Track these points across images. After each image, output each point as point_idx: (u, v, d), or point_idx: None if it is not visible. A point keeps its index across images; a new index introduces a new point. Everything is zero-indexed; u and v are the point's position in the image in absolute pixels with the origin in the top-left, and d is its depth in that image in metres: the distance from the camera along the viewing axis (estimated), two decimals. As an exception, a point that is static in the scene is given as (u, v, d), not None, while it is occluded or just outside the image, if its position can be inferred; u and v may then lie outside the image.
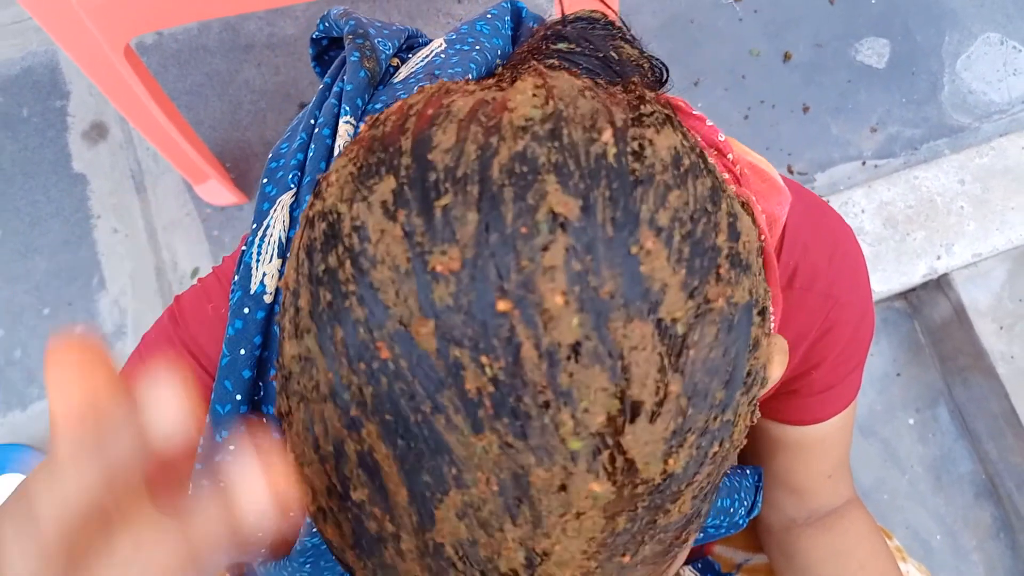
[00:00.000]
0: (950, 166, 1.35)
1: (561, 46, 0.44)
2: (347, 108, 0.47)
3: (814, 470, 0.63)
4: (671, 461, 0.27)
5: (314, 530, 0.49)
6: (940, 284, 1.35)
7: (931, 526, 1.35)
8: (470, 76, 0.49)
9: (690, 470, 0.28)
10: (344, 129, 0.47)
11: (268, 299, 0.43)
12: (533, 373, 0.25)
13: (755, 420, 0.31)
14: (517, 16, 0.60)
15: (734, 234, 0.28)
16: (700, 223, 0.27)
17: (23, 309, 1.35)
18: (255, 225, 0.46)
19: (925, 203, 1.32)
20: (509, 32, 0.58)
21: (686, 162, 0.28)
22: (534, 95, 0.28)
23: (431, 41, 0.57)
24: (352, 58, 0.49)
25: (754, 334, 0.29)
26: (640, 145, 0.27)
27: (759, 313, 0.29)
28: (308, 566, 0.51)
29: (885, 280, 1.30)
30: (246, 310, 0.43)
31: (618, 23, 0.47)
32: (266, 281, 0.44)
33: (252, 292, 0.44)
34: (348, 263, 0.26)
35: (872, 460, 1.38)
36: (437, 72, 0.51)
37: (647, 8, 1.48)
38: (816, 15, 1.47)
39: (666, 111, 0.30)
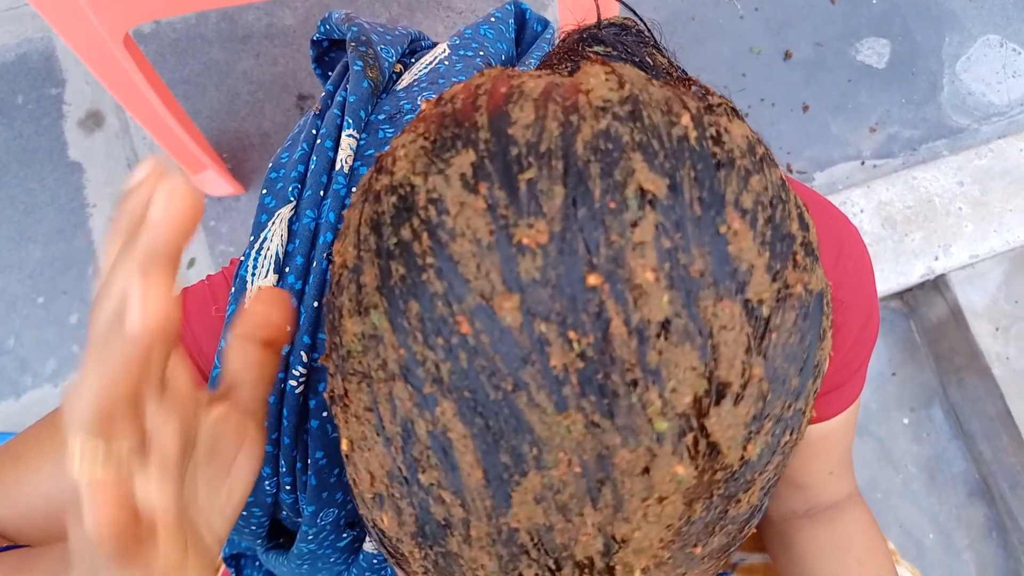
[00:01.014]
0: (949, 167, 1.35)
1: (598, 49, 0.44)
2: (350, 121, 0.47)
3: (817, 466, 0.63)
4: (749, 447, 0.26)
5: (309, 537, 0.48)
6: (937, 284, 1.36)
7: (924, 525, 1.36)
8: None
9: (763, 458, 0.27)
10: (347, 143, 0.46)
11: None
12: (622, 350, 0.24)
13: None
14: (521, 18, 0.60)
15: (803, 224, 0.29)
16: (778, 209, 0.27)
17: (16, 298, 1.34)
18: (252, 237, 0.45)
19: (924, 204, 1.33)
20: (513, 35, 0.58)
21: (759, 150, 0.28)
22: (606, 79, 0.28)
23: (435, 45, 0.56)
24: (355, 68, 0.49)
25: (824, 324, 0.28)
26: (717, 131, 0.27)
27: (827, 303, 0.29)
28: (306, 566, 0.51)
29: (883, 280, 1.30)
30: None
31: (647, 32, 0.46)
32: None
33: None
34: (425, 235, 0.25)
35: (866, 459, 1.38)
36: (441, 80, 0.50)
37: (648, 3, 1.47)
38: (817, 14, 1.47)
39: (730, 104, 0.30)
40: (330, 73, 0.53)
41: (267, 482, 0.46)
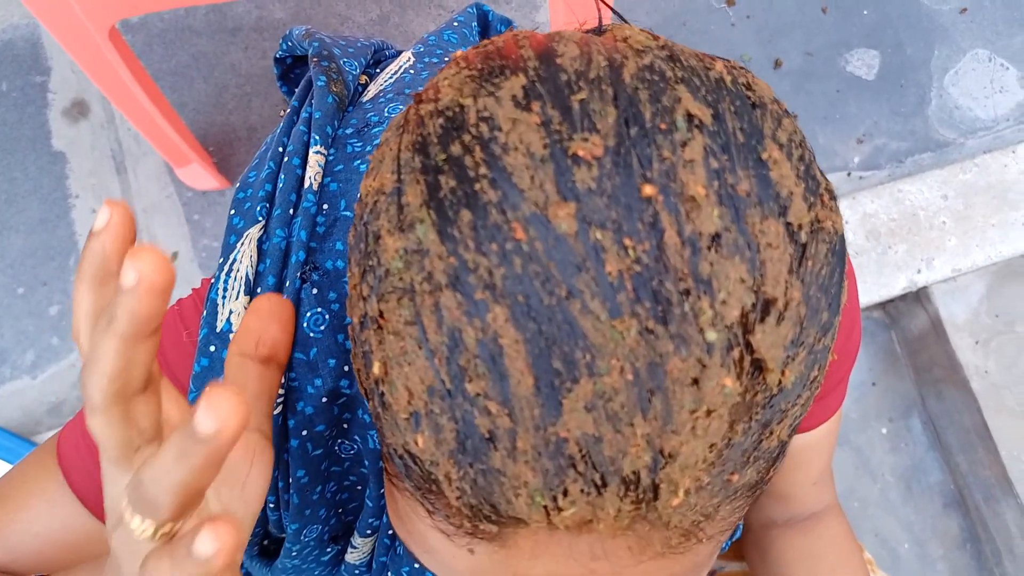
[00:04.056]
0: (934, 181, 1.36)
1: None
2: (317, 137, 0.46)
3: (800, 478, 0.64)
4: (787, 372, 0.27)
5: (293, 554, 0.48)
6: (919, 296, 1.37)
7: (900, 534, 1.37)
8: None
9: (796, 389, 0.28)
10: (315, 160, 0.46)
11: None
12: (675, 259, 0.25)
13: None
14: (483, 20, 0.60)
15: (823, 175, 0.30)
16: (806, 150, 0.29)
17: (-4, 288, 1.33)
18: (222, 259, 0.44)
19: (908, 217, 1.34)
20: (476, 38, 0.58)
21: (783, 104, 0.30)
22: (640, 32, 0.30)
23: (399, 54, 0.56)
24: (319, 83, 0.48)
25: (845, 269, 0.30)
26: (747, 81, 0.29)
27: (845, 251, 0.30)
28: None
29: (865, 292, 1.31)
30: (212, 348, 0.42)
31: None
32: (232, 319, 0.43)
33: (218, 330, 0.43)
34: (477, 149, 0.26)
35: (844, 468, 1.39)
36: (408, 90, 0.50)
37: (641, 8, 1.47)
38: (808, 23, 1.47)
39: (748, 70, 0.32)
40: (296, 90, 0.53)
41: None
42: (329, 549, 0.51)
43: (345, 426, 0.45)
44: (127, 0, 0.91)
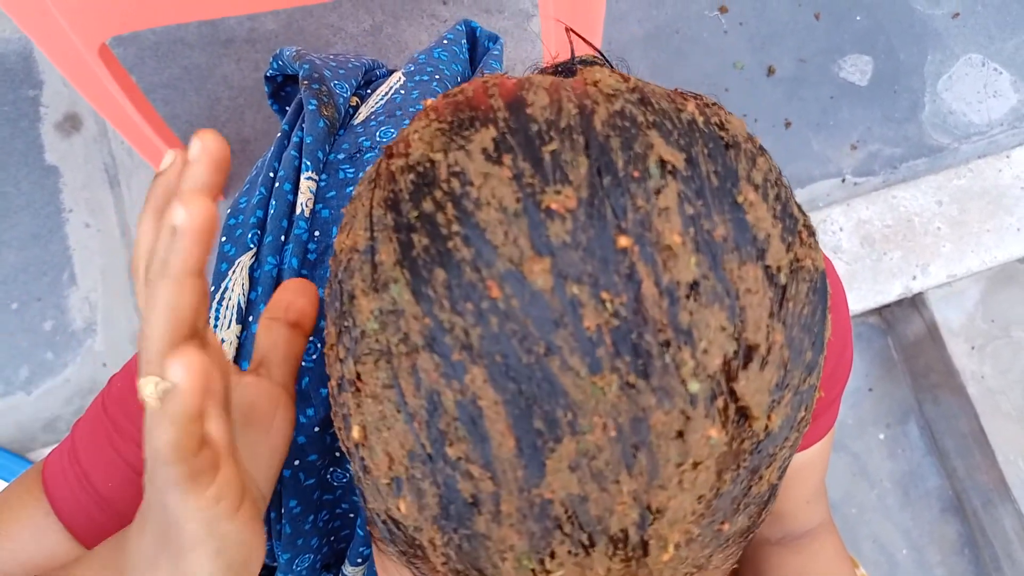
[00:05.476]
0: (928, 186, 1.36)
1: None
2: (308, 163, 0.46)
3: (795, 496, 0.64)
4: (772, 416, 0.26)
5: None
6: (914, 302, 1.37)
7: (897, 540, 1.37)
8: None
9: (783, 432, 0.27)
10: (306, 186, 0.46)
11: None
12: (654, 310, 0.24)
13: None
14: (472, 37, 0.60)
15: (800, 209, 0.30)
16: (782, 188, 0.29)
17: (-10, 303, 1.32)
18: (212, 287, 0.44)
19: (903, 223, 1.33)
20: (466, 55, 0.58)
21: (757, 140, 0.30)
22: (610, 74, 0.29)
23: (390, 74, 0.56)
24: (310, 107, 0.48)
25: (827, 304, 0.29)
26: (719, 120, 0.29)
27: (827, 285, 0.30)
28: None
29: (860, 299, 1.31)
30: None
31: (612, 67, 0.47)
32: (226, 348, 0.42)
33: None
34: (449, 205, 0.25)
35: (842, 474, 1.39)
36: (399, 112, 0.50)
37: (633, 16, 1.47)
38: (801, 30, 1.47)
39: (720, 104, 0.32)
40: (287, 108, 0.53)
41: None
42: None
43: (337, 455, 0.45)
44: (116, 18, 0.91)
